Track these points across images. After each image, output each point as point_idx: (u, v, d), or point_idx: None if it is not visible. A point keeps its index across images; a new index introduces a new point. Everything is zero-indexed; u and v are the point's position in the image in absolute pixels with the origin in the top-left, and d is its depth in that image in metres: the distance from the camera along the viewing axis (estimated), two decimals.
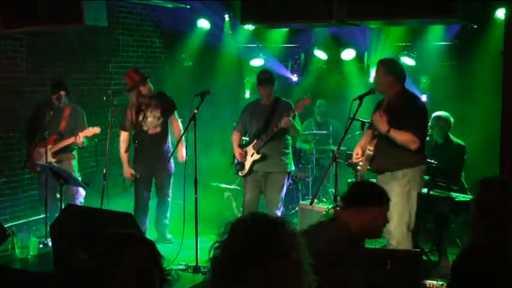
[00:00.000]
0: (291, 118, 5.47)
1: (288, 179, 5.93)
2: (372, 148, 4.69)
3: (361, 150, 4.83)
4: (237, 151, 5.85)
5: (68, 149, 6.12)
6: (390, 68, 4.70)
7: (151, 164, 6.12)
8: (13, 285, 3.98)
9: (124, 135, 6.18)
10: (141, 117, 6.01)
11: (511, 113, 4.11)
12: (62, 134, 6.07)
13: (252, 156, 5.76)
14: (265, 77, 5.73)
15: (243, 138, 6.11)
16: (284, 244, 1.52)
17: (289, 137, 5.82)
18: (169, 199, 6.31)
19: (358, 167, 4.90)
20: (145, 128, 6.03)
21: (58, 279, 3.67)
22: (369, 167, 4.79)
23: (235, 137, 5.97)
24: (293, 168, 5.96)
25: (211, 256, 1.57)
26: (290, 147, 5.88)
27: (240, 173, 5.95)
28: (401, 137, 4.51)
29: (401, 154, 4.57)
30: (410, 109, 4.62)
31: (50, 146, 6.05)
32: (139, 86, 5.96)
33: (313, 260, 1.57)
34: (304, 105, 5.50)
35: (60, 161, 6.06)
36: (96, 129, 5.99)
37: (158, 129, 6.04)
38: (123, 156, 6.14)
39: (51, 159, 6.02)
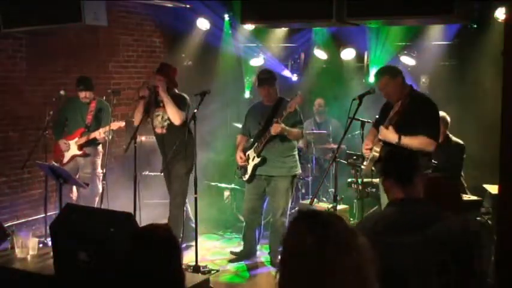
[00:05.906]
0: (281, 124, 5.21)
1: (294, 183, 5.68)
2: (378, 149, 4.57)
3: (371, 142, 4.71)
4: (238, 155, 5.63)
5: (93, 142, 6.18)
6: (392, 71, 4.65)
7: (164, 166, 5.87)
8: (13, 285, 3.98)
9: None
10: (153, 115, 5.77)
11: (510, 113, 4.10)
12: (89, 127, 6.14)
13: (253, 160, 5.54)
14: (262, 77, 5.53)
15: None
16: (346, 241, 1.54)
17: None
18: (181, 210, 5.74)
19: (363, 166, 4.85)
20: (154, 125, 5.82)
21: (58, 279, 3.67)
22: (373, 168, 4.70)
23: (239, 141, 5.77)
24: (299, 171, 5.67)
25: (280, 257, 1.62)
26: (295, 149, 5.61)
27: (243, 178, 5.70)
28: (415, 142, 4.38)
29: None
30: (423, 110, 4.48)
31: (76, 139, 6.12)
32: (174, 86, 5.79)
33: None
34: (296, 104, 5.24)
35: (87, 154, 6.16)
36: (121, 123, 5.97)
37: (164, 130, 5.75)
38: None
39: (76, 151, 6.11)
